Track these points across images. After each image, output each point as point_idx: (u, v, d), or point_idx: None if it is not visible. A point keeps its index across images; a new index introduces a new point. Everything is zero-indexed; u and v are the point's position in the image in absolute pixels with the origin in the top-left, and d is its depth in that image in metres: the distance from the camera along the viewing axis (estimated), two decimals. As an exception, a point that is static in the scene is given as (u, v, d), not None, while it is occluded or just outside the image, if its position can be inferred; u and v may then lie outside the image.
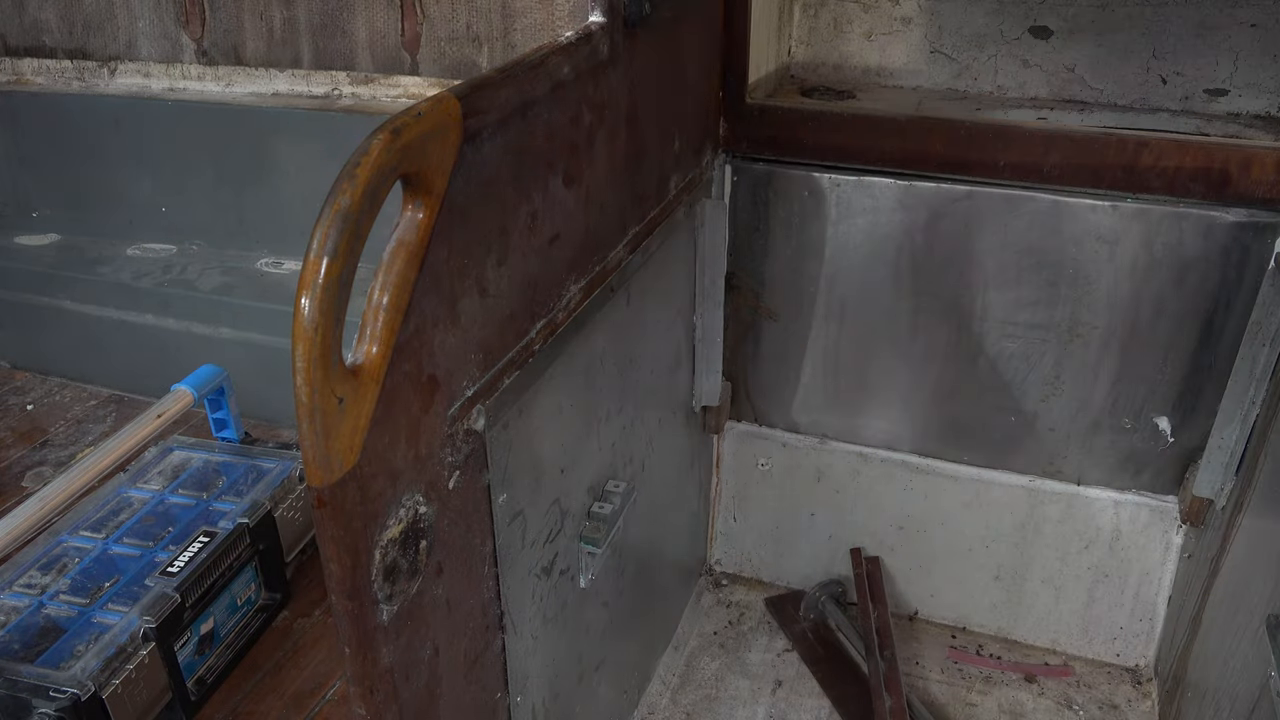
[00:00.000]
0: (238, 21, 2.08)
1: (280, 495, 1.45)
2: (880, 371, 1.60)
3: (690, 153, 1.30)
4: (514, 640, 0.94)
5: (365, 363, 0.66)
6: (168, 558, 1.30)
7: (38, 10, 2.27)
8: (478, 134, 0.73)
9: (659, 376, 1.30)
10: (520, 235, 0.84)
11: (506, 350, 0.85)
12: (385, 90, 2.02)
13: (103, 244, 2.25)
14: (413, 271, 0.68)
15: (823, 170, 1.48)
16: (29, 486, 1.77)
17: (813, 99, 1.61)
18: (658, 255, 1.17)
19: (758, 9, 1.45)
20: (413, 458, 0.72)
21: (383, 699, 0.73)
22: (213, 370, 1.57)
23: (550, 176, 0.88)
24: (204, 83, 2.17)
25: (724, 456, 1.74)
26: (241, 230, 2.15)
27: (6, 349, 2.22)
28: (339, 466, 0.64)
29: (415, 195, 0.68)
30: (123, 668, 1.17)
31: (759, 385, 1.68)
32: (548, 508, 0.99)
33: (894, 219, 1.47)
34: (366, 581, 0.69)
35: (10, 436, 1.95)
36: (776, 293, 1.59)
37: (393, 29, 1.96)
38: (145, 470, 1.51)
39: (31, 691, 1.11)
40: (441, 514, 0.77)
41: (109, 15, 2.21)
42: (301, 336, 0.58)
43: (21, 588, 1.30)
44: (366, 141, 0.61)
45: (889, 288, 1.53)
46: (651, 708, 1.54)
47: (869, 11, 1.64)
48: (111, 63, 2.25)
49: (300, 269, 0.58)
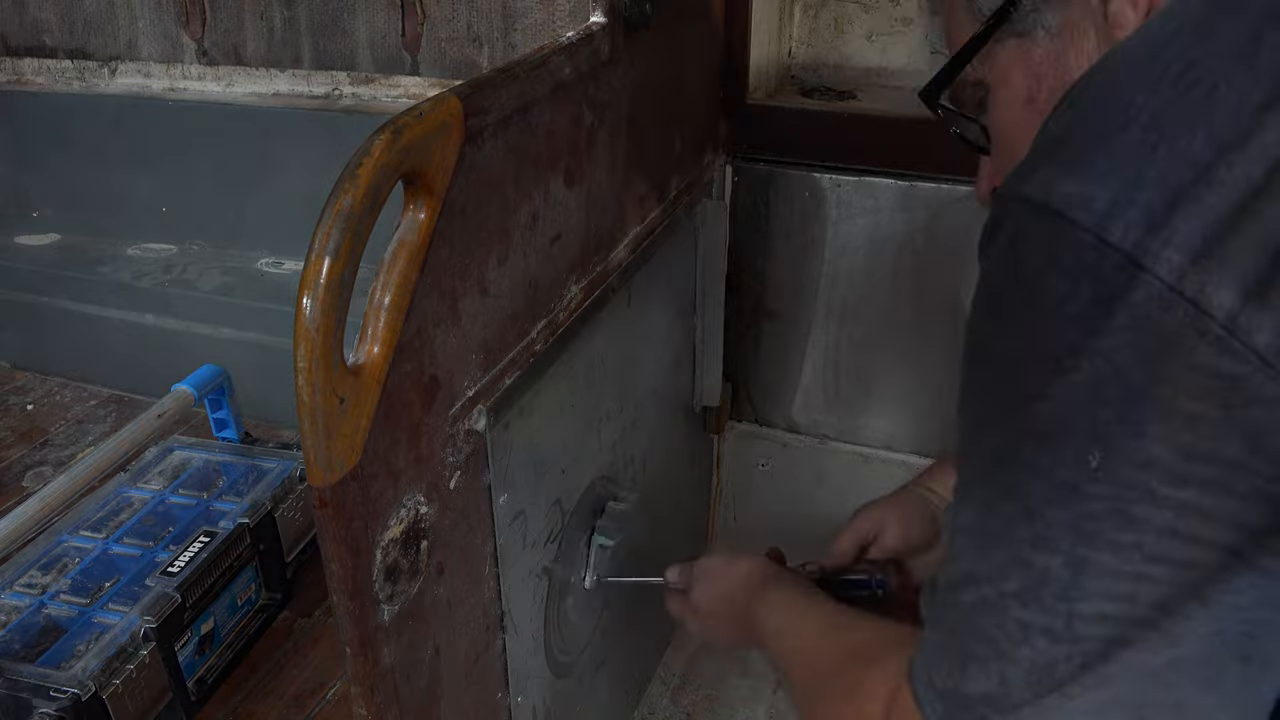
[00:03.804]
0: (238, 21, 2.08)
1: (281, 495, 1.45)
2: (881, 372, 1.60)
3: (691, 153, 1.30)
4: (514, 640, 0.94)
5: (367, 363, 0.66)
6: (168, 558, 1.30)
7: (38, 10, 2.27)
8: (479, 134, 0.73)
9: (660, 377, 1.30)
10: (521, 235, 0.84)
11: (508, 350, 0.85)
12: (386, 90, 2.02)
13: (103, 244, 2.24)
14: (414, 272, 0.68)
15: (823, 170, 1.48)
16: (29, 486, 1.77)
17: (813, 99, 1.61)
18: (658, 255, 1.17)
19: (758, 9, 1.45)
20: (414, 458, 0.72)
21: (384, 699, 0.73)
22: (213, 370, 1.57)
23: (551, 176, 0.88)
24: (204, 83, 2.17)
25: (724, 456, 1.74)
26: (242, 230, 2.15)
27: (6, 349, 2.22)
28: (340, 466, 0.63)
29: (417, 195, 0.68)
30: (123, 668, 1.17)
31: (759, 385, 1.68)
32: (549, 508, 0.99)
33: (895, 219, 1.47)
34: (368, 581, 0.69)
35: (10, 436, 1.95)
36: (777, 293, 1.59)
37: (393, 29, 1.96)
38: (145, 470, 1.51)
39: (32, 691, 1.11)
40: (442, 514, 0.77)
41: (109, 15, 2.21)
42: (303, 336, 0.58)
43: (22, 587, 1.30)
44: (368, 142, 0.61)
45: (890, 288, 1.52)
46: (652, 708, 1.54)
47: (870, 12, 1.64)
48: (112, 63, 2.25)
49: (301, 269, 0.58)
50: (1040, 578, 0.49)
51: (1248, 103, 0.42)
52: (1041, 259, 0.47)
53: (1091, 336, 0.44)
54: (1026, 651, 0.51)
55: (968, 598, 0.54)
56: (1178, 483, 0.44)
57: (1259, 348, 0.41)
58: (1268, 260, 0.41)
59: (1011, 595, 0.51)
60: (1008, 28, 0.64)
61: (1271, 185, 0.41)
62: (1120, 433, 0.44)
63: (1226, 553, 0.45)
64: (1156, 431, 0.44)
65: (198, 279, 2.06)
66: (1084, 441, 0.46)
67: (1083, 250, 0.44)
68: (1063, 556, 0.48)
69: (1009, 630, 0.51)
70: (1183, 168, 0.43)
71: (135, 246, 2.22)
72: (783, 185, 1.51)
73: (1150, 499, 0.45)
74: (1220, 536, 0.45)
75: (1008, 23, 0.64)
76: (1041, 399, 0.47)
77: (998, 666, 0.53)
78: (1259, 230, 0.41)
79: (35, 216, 2.36)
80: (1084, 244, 0.44)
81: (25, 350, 2.20)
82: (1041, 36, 0.63)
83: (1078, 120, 0.49)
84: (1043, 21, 0.62)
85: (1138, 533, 0.46)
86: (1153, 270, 0.42)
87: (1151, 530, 0.45)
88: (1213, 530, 0.44)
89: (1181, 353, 0.42)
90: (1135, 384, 0.44)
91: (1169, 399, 0.43)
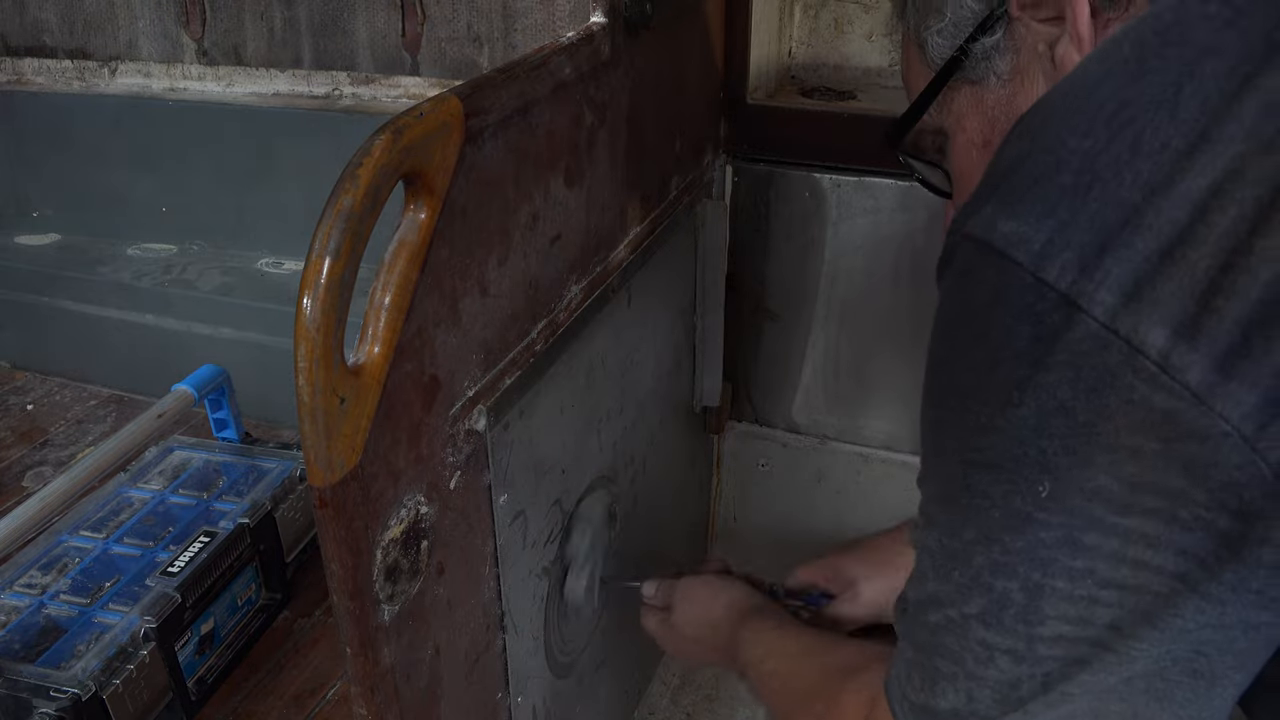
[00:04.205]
0: (238, 21, 2.08)
1: (281, 495, 1.45)
2: (881, 372, 1.60)
3: (691, 153, 1.30)
4: (514, 640, 0.94)
5: (367, 363, 0.66)
6: (168, 558, 1.30)
7: (38, 10, 2.27)
8: (479, 134, 0.73)
9: (660, 377, 1.30)
10: (522, 235, 0.84)
11: (508, 350, 0.85)
12: (386, 90, 2.02)
13: (103, 244, 2.24)
14: (414, 272, 0.68)
15: (823, 171, 1.48)
16: (29, 486, 1.77)
17: (813, 99, 1.61)
18: (659, 256, 1.17)
19: (758, 10, 1.45)
20: (414, 458, 0.72)
21: (384, 699, 0.73)
22: (213, 370, 1.57)
23: (552, 176, 0.88)
24: (204, 83, 2.17)
25: (724, 457, 1.74)
26: (242, 230, 2.15)
27: (6, 349, 2.22)
28: (340, 466, 0.63)
29: (417, 195, 0.68)
30: (123, 668, 1.17)
31: (759, 385, 1.68)
32: (549, 508, 0.99)
33: (895, 219, 1.47)
34: (368, 582, 0.69)
35: (10, 436, 1.95)
36: (777, 293, 1.59)
37: (393, 29, 1.97)
38: (145, 470, 1.52)
39: (32, 691, 1.11)
40: (443, 514, 0.77)
41: (109, 15, 2.21)
42: (304, 336, 0.58)
43: (22, 588, 1.30)
44: (368, 142, 0.61)
45: (890, 288, 1.52)
46: (652, 708, 1.54)
47: (870, 12, 1.64)
48: (112, 63, 2.25)
49: (301, 269, 0.58)
50: (1000, 601, 0.51)
51: (1170, 148, 0.44)
52: (987, 294, 0.49)
53: (1035, 371, 0.46)
54: (992, 671, 0.53)
55: (934, 618, 0.56)
56: (1123, 511, 0.45)
57: (1191, 385, 0.42)
58: (1194, 303, 0.42)
59: (974, 617, 0.52)
60: (960, 75, 0.66)
61: (1194, 229, 0.43)
62: (1067, 464, 0.46)
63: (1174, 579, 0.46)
64: (1101, 462, 0.45)
65: (198, 279, 2.06)
66: (1033, 472, 0.47)
67: (1023, 289, 0.46)
68: (1019, 581, 0.50)
69: (974, 650, 0.53)
70: (1113, 210, 0.44)
71: (135, 246, 2.22)
72: (783, 185, 1.51)
73: (1099, 527, 0.46)
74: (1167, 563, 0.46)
75: (960, 70, 0.66)
76: (992, 431, 0.49)
77: (965, 685, 0.55)
78: (1185, 274, 0.42)
79: (35, 216, 2.36)
80: (1024, 283, 0.46)
81: (25, 350, 2.20)
82: (994, 83, 0.65)
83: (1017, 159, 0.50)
84: (994, 68, 0.64)
85: (1089, 559, 0.47)
86: (1088, 311, 0.44)
87: (1101, 557, 0.47)
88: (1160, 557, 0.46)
89: (1120, 389, 0.44)
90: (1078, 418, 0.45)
91: (1111, 433, 0.45)
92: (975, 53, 0.65)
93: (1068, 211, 0.45)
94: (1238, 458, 0.42)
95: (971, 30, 0.64)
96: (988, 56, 0.64)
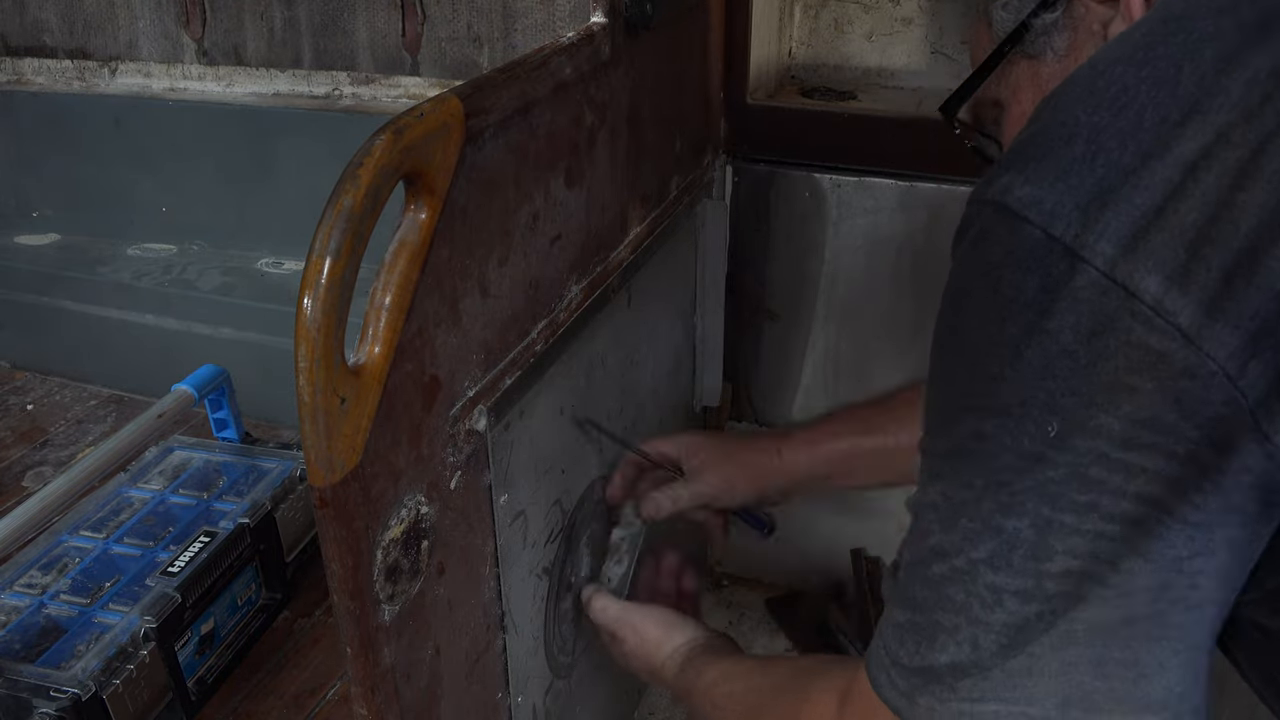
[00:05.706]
0: (238, 21, 2.08)
1: (281, 495, 1.45)
2: (881, 372, 1.60)
3: (691, 153, 1.30)
4: (515, 640, 0.94)
5: (367, 363, 0.66)
6: (168, 558, 1.30)
7: (38, 10, 2.27)
8: (480, 134, 0.73)
9: (660, 377, 1.30)
10: (522, 235, 0.84)
11: (508, 350, 0.85)
12: (386, 90, 2.02)
13: (103, 244, 2.25)
14: (415, 272, 0.68)
15: (824, 171, 1.48)
16: (29, 486, 1.77)
17: (813, 99, 1.61)
18: (659, 256, 1.17)
19: (758, 10, 1.45)
20: (414, 458, 0.72)
21: (384, 699, 0.73)
22: (213, 370, 1.57)
23: (552, 177, 0.88)
24: (204, 83, 2.17)
25: (724, 457, 1.74)
26: (242, 230, 2.15)
27: (6, 349, 2.22)
28: (341, 467, 0.63)
29: (417, 195, 0.68)
30: (123, 668, 1.17)
31: (760, 386, 1.68)
32: (549, 508, 0.99)
33: (895, 219, 1.47)
34: (368, 582, 0.69)
35: (10, 436, 1.95)
36: (777, 293, 1.59)
37: (393, 29, 1.97)
38: (145, 470, 1.52)
39: (32, 691, 1.11)
40: (443, 514, 0.77)
41: (109, 15, 2.21)
42: (304, 336, 0.58)
43: (22, 588, 1.30)
44: (369, 142, 0.61)
45: (890, 288, 1.52)
46: (651, 708, 1.54)
47: (870, 12, 1.64)
48: (112, 63, 2.25)
49: (301, 269, 0.58)
50: (1010, 541, 0.54)
51: (1168, 120, 0.50)
52: (1000, 253, 0.53)
53: (1041, 318, 0.50)
54: (999, 614, 0.55)
55: (938, 570, 0.58)
56: (1124, 446, 0.49)
57: (1182, 327, 0.47)
58: (1184, 252, 0.47)
59: (983, 561, 0.55)
60: (1020, 50, 0.71)
61: (1185, 187, 0.48)
62: (1072, 404, 0.50)
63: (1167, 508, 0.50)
64: (1102, 401, 0.49)
65: (198, 279, 2.06)
66: (1042, 413, 0.51)
67: (1034, 244, 0.51)
68: (1030, 518, 0.53)
69: (980, 595, 0.55)
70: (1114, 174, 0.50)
71: (135, 246, 2.22)
72: (783, 185, 1.51)
73: (1103, 462, 0.50)
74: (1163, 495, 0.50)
75: (1020, 45, 0.70)
76: (1003, 379, 0.53)
77: (969, 633, 0.56)
78: (1176, 226, 0.48)
79: (35, 216, 2.36)
80: (1035, 239, 0.51)
81: (25, 350, 2.20)
82: (1050, 58, 0.69)
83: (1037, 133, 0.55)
84: (1051, 44, 0.69)
85: (1094, 493, 0.51)
86: (1089, 260, 0.49)
87: (1106, 491, 0.51)
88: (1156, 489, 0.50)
89: (1118, 331, 0.48)
90: (1081, 360, 0.50)
91: (1111, 372, 0.49)
92: (1036, 28, 0.69)
93: (1076, 177, 0.50)
94: (1222, 394, 0.47)
95: (1034, 6, 0.69)
96: (1047, 32, 0.68)
